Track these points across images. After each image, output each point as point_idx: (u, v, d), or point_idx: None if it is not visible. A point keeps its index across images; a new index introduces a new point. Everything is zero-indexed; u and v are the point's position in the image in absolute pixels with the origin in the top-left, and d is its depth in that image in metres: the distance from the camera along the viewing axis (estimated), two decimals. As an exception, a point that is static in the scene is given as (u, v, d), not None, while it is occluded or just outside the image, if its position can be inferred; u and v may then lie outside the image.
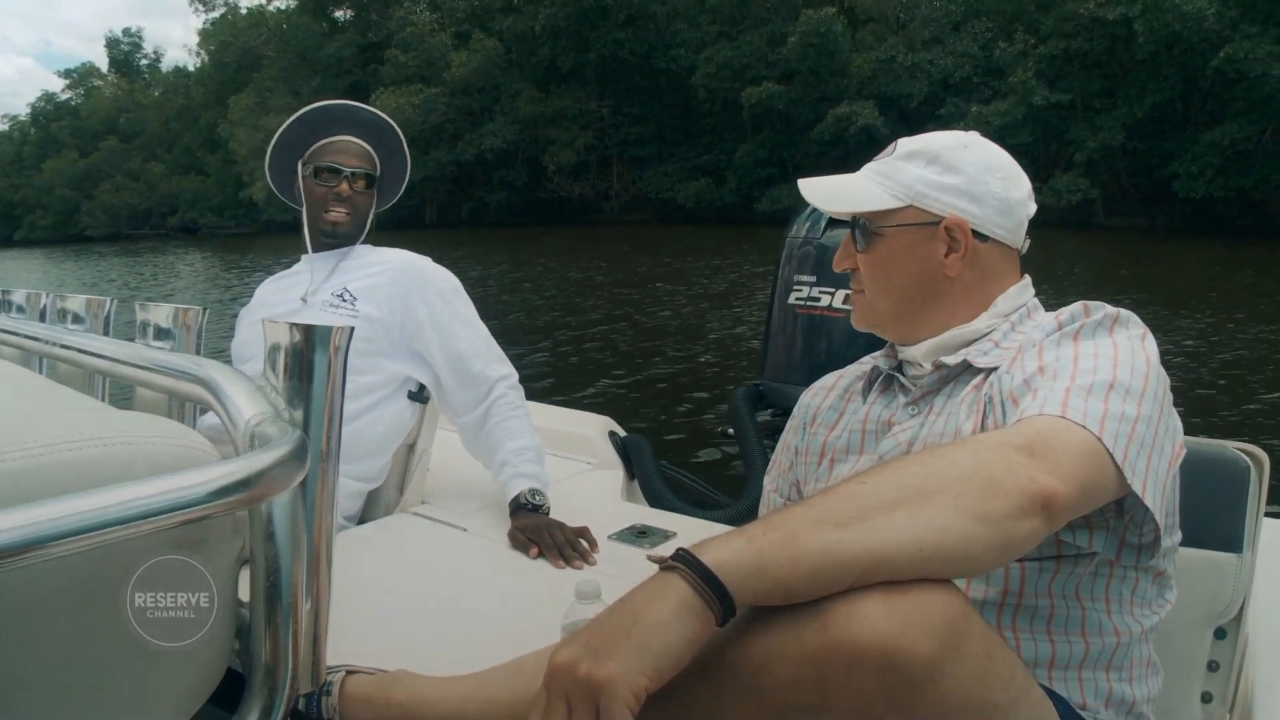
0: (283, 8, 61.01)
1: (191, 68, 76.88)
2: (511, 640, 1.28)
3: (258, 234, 52.82)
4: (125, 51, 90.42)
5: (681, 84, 43.63)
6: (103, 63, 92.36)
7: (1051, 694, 1.05)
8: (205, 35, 66.36)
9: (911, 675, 0.79)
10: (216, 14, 67.32)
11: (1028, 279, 1.34)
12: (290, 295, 2.29)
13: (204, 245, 45.89)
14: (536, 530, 2.03)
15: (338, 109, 2.35)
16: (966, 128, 1.42)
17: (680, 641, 0.81)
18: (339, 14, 58.55)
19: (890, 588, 0.82)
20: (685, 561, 0.84)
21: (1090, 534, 1.09)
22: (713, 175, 42.27)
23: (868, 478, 0.92)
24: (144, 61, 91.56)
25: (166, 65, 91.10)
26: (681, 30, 44.19)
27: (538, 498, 2.14)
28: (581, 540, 2.02)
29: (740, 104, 39.33)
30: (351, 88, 48.80)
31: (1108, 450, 0.99)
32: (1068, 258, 19.05)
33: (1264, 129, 28.19)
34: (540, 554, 1.99)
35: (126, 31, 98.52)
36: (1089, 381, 1.05)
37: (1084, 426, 0.99)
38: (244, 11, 64.63)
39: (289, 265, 2.41)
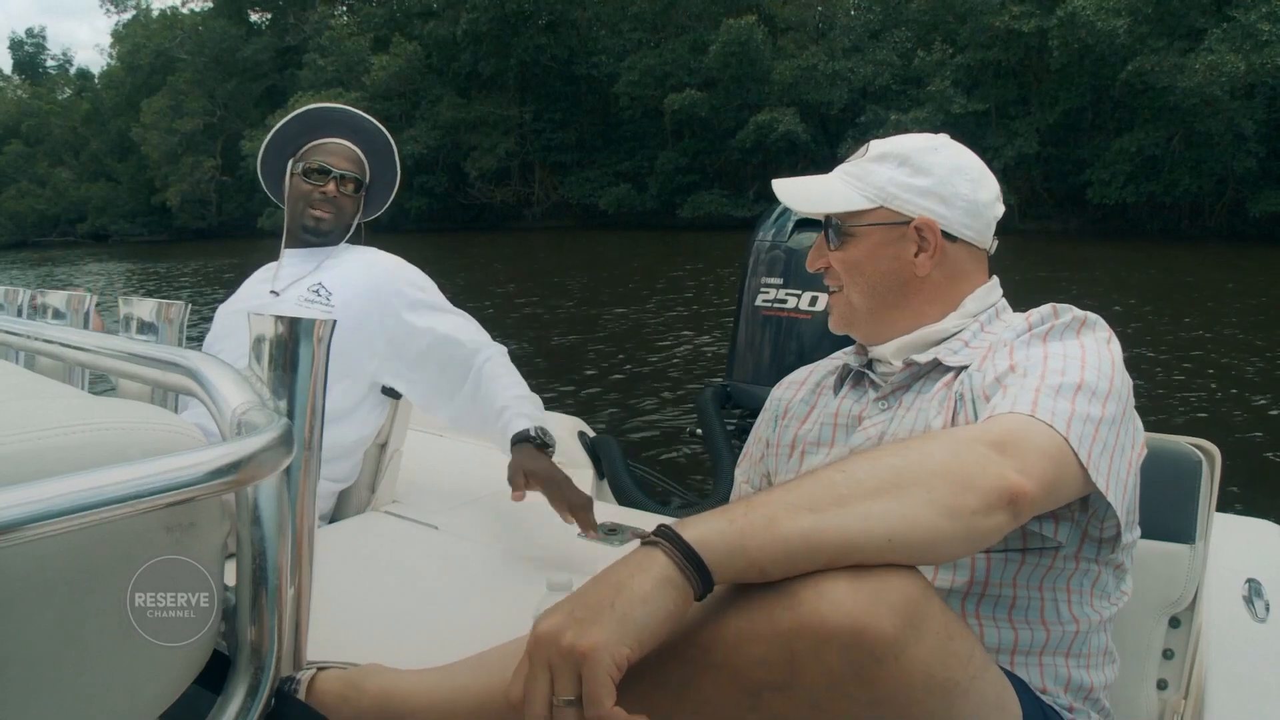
0: (197, 9, 59.84)
1: (98, 70, 74.88)
2: (482, 634, 1.28)
3: (171, 241, 51.60)
4: (29, 54, 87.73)
5: (603, 90, 43.67)
6: (7, 64, 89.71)
7: (1013, 677, 1.09)
8: (118, 37, 64.68)
9: (876, 652, 0.81)
10: (128, 15, 65.84)
11: (995, 280, 1.38)
12: (264, 289, 2.28)
13: (115, 253, 44.55)
14: (551, 481, 1.93)
15: (338, 112, 2.37)
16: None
17: (661, 614, 0.83)
18: (255, 17, 57.52)
19: (856, 570, 0.85)
20: (667, 537, 0.87)
21: (1055, 525, 1.14)
22: (634, 181, 42.41)
23: (844, 466, 0.95)
24: (51, 64, 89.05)
25: (75, 68, 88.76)
26: (603, 37, 44.16)
27: (547, 436, 2.02)
28: (585, 512, 1.92)
29: (662, 111, 39.57)
30: (269, 91, 47.95)
31: (1073, 450, 1.03)
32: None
33: (1171, 136, 29.16)
34: (524, 497, 1.92)
35: (30, 32, 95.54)
36: (1057, 382, 1.09)
37: (1051, 426, 1.03)
38: (156, 14, 63.24)
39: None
